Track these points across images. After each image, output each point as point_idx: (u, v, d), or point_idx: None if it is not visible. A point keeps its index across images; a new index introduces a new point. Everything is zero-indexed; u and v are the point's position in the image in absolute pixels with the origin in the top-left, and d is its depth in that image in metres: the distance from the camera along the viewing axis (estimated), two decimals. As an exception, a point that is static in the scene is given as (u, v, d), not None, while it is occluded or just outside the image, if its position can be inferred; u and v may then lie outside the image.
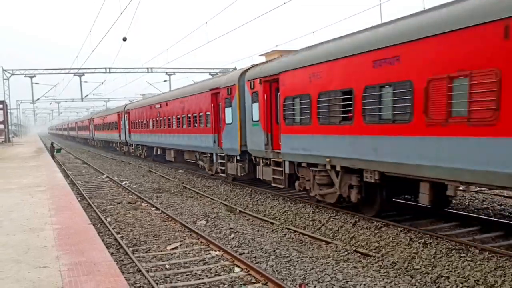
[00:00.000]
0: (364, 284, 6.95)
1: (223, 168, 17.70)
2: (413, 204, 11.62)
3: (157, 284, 7.21)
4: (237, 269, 7.88)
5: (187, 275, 7.71)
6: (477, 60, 7.27)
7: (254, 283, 7.26)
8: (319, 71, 11.25)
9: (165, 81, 49.05)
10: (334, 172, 11.12)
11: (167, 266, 8.23)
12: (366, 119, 9.74)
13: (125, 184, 19.61)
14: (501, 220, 9.85)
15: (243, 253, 8.82)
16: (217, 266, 8.06)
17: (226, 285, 7.17)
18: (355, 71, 9.97)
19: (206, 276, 7.63)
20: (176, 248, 9.45)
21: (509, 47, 6.77)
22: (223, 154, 17.56)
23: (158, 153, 28.46)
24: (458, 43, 7.56)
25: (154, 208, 13.93)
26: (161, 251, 9.30)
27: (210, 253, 8.91)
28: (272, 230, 10.91)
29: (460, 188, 8.70)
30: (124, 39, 25.77)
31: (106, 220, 12.12)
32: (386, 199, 10.51)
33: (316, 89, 11.34)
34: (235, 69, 25.49)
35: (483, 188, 9.91)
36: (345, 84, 10.32)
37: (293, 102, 12.46)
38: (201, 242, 9.81)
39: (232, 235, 10.18)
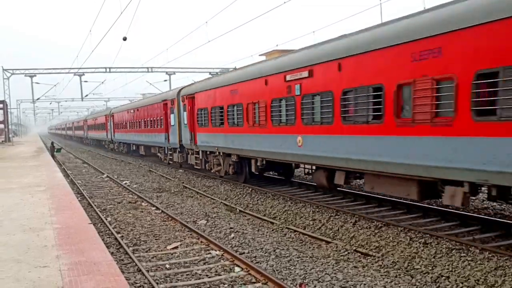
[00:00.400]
0: (364, 284, 6.95)
1: (171, 157, 24.61)
2: (277, 177, 17.87)
3: (157, 283, 7.22)
4: (237, 269, 7.88)
5: (187, 274, 7.72)
6: (261, 95, 13.98)
7: (254, 282, 7.26)
8: (212, 94, 17.95)
9: (165, 80, 49.08)
10: (220, 156, 17.78)
11: (167, 266, 8.23)
12: (229, 124, 16.42)
13: (125, 183, 19.62)
14: (501, 220, 9.85)
15: (243, 252, 8.82)
16: (217, 266, 8.06)
17: (226, 285, 7.17)
18: (224, 96, 16.74)
19: (206, 275, 7.64)
20: (176, 247, 9.46)
21: (269, 89, 13.56)
22: (171, 147, 24.25)
23: (134, 148, 34.74)
24: (255, 86, 14.42)
25: (154, 208, 13.93)
26: (161, 250, 9.31)
27: (210, 253, 8.91)
28: (272, 230, 10.91)
29: (264, 162, 14.96)
30: (124, 39, 25.78)
31: (106, 219, 12.13)
32: (248, 172, 16.74)
33: (210, 104, 18.12)
34: (235, 68, 25.72)
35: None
36: (221, 103, 17.08)
37: (201, 112, 19.11)
38: (201, 241, 9.81)
39: (232, 235, 10.18)
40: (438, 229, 9.51)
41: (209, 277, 7.54)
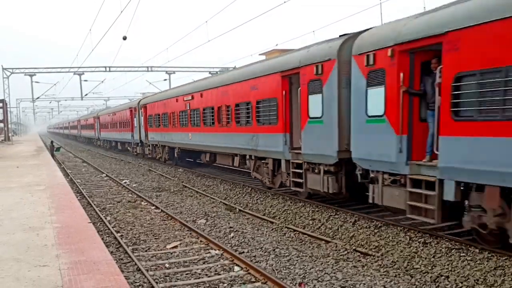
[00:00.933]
0: (364, 284, 6.96)
1: (136, 150, 32.96)
2: (199, 161, 24.33)
3: (156, 283, 7.22)
4: (236, 268, 7.88)
5: (186, 274, 7.72)
6: (175, 108, 22.54)
7: (253, 282, 7.26)
8: (154, 105, 26.95)
9: (165, 80, 49.03)
10: (160, 147, 26.61)
11: (167, 265, 8.24)
12: (163, 126, 25.12)
13: (125, 183, 19.62)
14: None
15: (243, 252, 8.83)
16: (217, 265, 8.07)
17: (225, 284, 7.18)
18: (159, 107, 25.66)
19: (206, 275, 7.64)
20: (175, 247, 9.46)
21: (178, 105, 22.18)
22: (135, 142, 32.51)
23: (113, 144, 42.65)
24: (172, 102, 23.05)
25: (153, 207, 13.93)
26: (161, 250, 9.31)
27: (209, 252, 8.92)
28: (272, 229, 10.91)
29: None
30: (124, 38, 25.77)
31: (105, 219, 12.13)
32: (178, 158, 24.54)
33: (153, 112, 27.01)
34: (235, 67, 25.69)
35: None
36: (158, 112, 25.97)
37: (150, 117, 28.09)
38: (201, 241, 9.82)
39: (232, 234, 10.18)
40: (438, 228, 9.50)
41: (209, 277, 7.54)
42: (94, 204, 14.24)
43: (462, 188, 7.72)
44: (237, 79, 15.70)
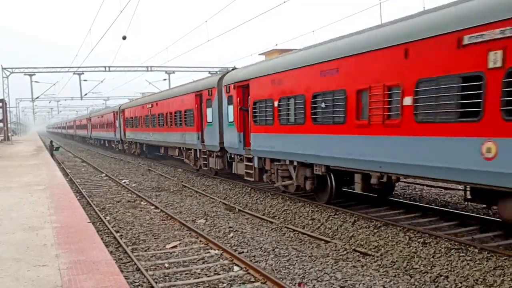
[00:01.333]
0: (363, 283, 6.96)
1: (118, 146, 39.03)
2: (159, 154, 29.92)
3: (156, 283, 7.22)
4: (236, 268, 7.89)
5: (186, 274, 7.72)
6: (143, 113, 29.15)
7: (253, 282, 7.26)
8: (129, 110, 33.05)
9: (164, 79, 48.96)
10: (134, 143, 33.35)
11: (166, 265, 8.24)
12: (135, 126, 31.52)
13: (124, 182, 19.62)
14: (501, 220, 9.85)
15: (242, 252, 8.83)
16: (216, 265, 8.07)
17: (225, 284, 7.18)
18: (132, 112, 32.13)
19: (205, 275, 7.65)
20: (175, 247, 9.46)
21: (144, 111, 28.83)
22: (117, 140, 38.64)
23: (102, 142, 48.56)
24: (140, 109, 29.81)
25: (153, 207, 13.93)
26: (160, 249, 9.31)
27: (209, 252, 8.92)
28: (271, 229, 10.92)
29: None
30: (124, 38, 25.76)
31: (105, 218, 12.13)
32: (148, 152, 31.61)
33: (129, 116, 33.30)
34: (234, 67, 25.66)
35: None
36: (131, 115, 32.65)
37: (127, 119, 33.96)
38: (200, 241, 9.82)
39: (231, 234, 10.18)
40: (437, 228, 9.53)
41: (208, 276, 7.55)
42: (94, 204, 14.24)
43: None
44: (175, 95, 22.42)
